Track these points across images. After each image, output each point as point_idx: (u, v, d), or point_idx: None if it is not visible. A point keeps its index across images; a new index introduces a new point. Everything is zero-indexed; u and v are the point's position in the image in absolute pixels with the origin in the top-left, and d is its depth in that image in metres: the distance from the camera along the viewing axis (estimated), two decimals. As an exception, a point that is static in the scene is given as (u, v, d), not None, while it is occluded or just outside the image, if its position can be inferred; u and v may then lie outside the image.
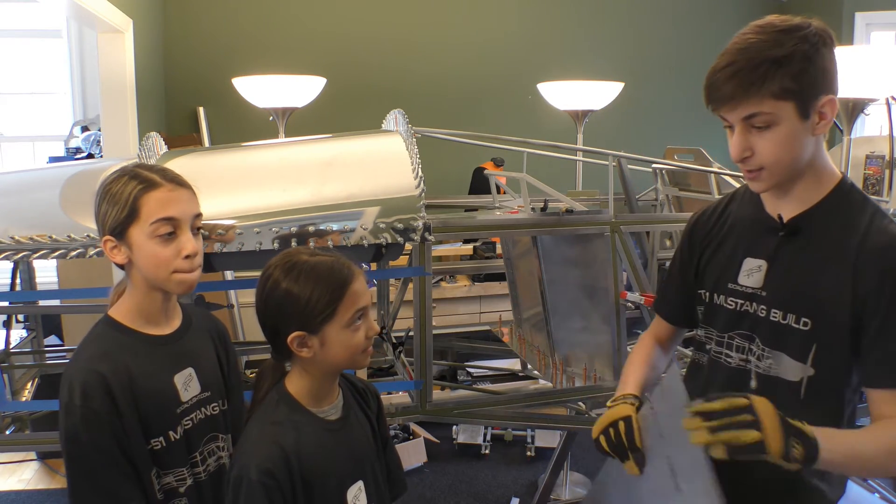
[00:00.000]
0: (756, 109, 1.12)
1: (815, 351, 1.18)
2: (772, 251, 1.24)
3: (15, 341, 2.65)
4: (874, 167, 3.05)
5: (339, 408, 1.30)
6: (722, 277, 1.30)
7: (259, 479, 1.15)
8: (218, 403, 1.38)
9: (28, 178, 2.28)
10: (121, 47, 3.37)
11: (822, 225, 1.20)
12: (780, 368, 1.22)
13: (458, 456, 3.50)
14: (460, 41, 4.76)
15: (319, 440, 1.24)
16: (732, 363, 1.28)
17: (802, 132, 1.14)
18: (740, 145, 1.16)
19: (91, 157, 4.19)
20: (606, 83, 3.31)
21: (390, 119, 2.32)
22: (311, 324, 1.20)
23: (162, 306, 1.31)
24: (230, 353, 1.47)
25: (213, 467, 1.36)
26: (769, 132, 1.14)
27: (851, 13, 4.69)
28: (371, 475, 1.31)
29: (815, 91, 1.12)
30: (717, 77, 1.14)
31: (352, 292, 1.22)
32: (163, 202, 1.23)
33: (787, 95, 1.11)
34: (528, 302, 2.88)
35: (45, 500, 3.09)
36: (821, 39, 1.13)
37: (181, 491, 1.31)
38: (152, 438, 1.26)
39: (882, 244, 1.14)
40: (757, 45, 1.12)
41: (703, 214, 1.40)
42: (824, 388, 1.19)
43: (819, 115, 1.14)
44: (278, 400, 1.25)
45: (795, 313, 1.19)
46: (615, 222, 2.22)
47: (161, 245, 1.23)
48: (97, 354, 1.24)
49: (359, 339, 1.24)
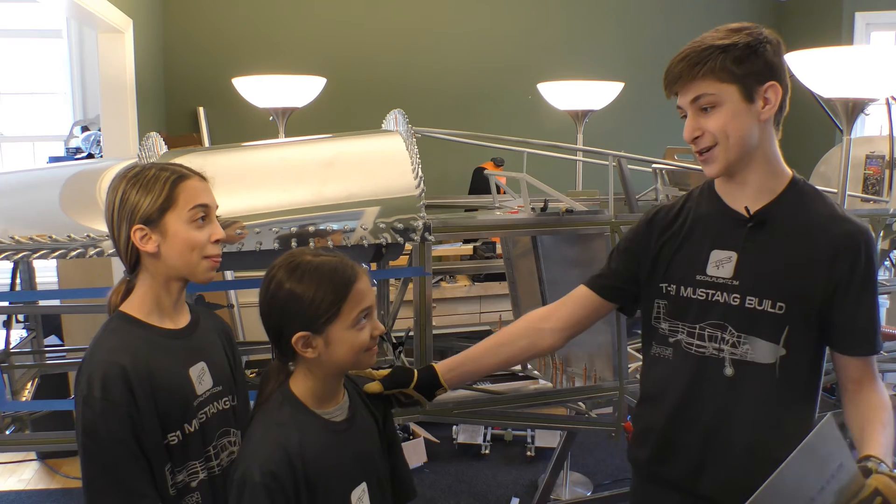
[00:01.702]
0: (701, 91, 1.25)
1: (788, 332, 1.28)
2: (741, 242, 1.32)
3: (15, 341, 2.65)
4: (874, 167, 3.05)
5: (345, 409, 1.30)
6: (689, 271, 1.36)
7: (262, 480, 1.14)
8: (229, 398, 1.39)
9: (28, 178, 2.28)
10: (121, 47, 3.37)
11: (786, 215, 1.30)
12: (755, 353, 1.30)
13: (458, 456, 3.50)
14: (460, 41, 4.76)
15: (324, 442, 1.23)
16: (705, 353, 1.34)
17: (747, 114, 1.25)
18: (691, 126, 1.29)
19: (91, 157, 4.19)
20: (606, 83, 3.31)
21: (390, 119, 2.32)
22: (315, 324, 1.20)
23: (176, 299, 1.33)
24: (236, 352, 1.48)
25: (225, 462, 1.36)
26: (715, 112, 1.26)
27: (851, 13, 4.68)
28: (375, 477, 1.31)
29: (758, 77, 1.24)
30: (670, 66, 1.29)
31: (356, 292, 1.21)
32: (198, 190, 1.30)
33: (729, 78, 1.23)
34: (528, 302, 2.88)
35: (45, 500, 3.09)
36: (767, 40, 1.26)
37: (193, 486, 1.31)
38: (170, 433, 1.26)
39: (850, 231, 1.26)
40: (708, 38, 1.26)
41: (662, 209, 1.47)
42: (795, 366, 1.29)
43: (763, 101, 1.26)
44: (282, 401, 1.25)
45: (771, 298, 1.28)
46: (615, 222, 2.22)
47: (197, 230, 1.28)
48: (118, 347, 1.24)
49: (363, 339, 1.23)
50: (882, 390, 1.30)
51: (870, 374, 1.30)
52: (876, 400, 1.28)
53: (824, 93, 2.03)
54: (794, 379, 1.30)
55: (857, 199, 2.95)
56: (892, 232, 2.51)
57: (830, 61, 1.95)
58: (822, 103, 2.52)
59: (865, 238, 1.27)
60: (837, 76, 1.95)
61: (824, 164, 3.38)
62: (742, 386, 1.31)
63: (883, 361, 2.68)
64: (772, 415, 1.30)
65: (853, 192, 2.96)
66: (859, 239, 1.26)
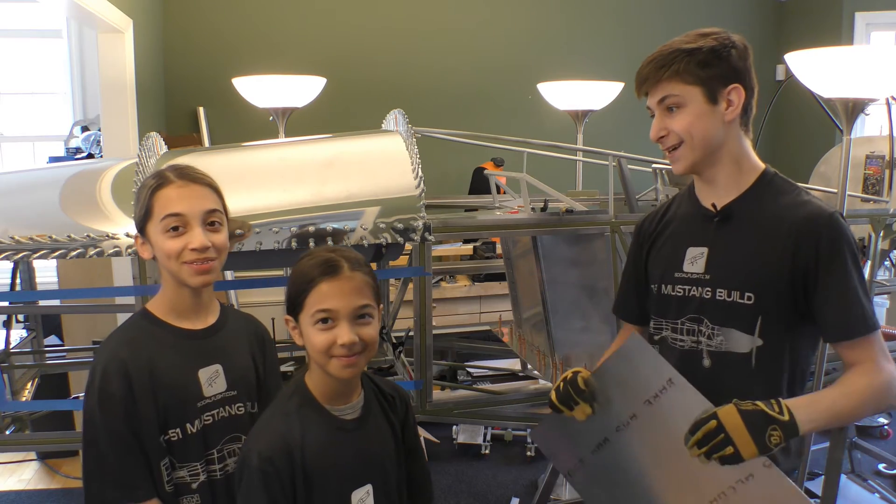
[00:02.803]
0: (667, 92, 1.31)
1: (762, 322, 1.30)
2: (710, 237, 1.37)
3: (15, 341, 2.65)
4: (874, 167, 3.05)
5: (358, 409, 1.29)
6: (668, 269, 1.42)
7: (259, 465, 1.17)
8: (245, 405, 1.38)
9: (28, 178, 2.28)
10: (121, 47, 3.37)
11: (752, 208, 1.34)
12: (730, 343, 1.33)
13: (458, 456, 3.50)
14: (460, 41, 4.76)
15: (326, 436, 1.24)
16: (685, 346, 1.39)
17: (711, 115, 1.30)
18: (657, 126, 1.35)
19: (91, 157, 4.19)
20: (606, 83, 3.31)
21: (390, 119, 2.32)
22: (291, 308, 1.24)
23: (192, 301, 1.34)
24: (268, 358, 1.46)
25: (230, 468, 1.35)
26: (680, 112, 1.31)
27: (851, 13, 4.68)
28: (382, 481, 1.29)
29: (722, 80, 1.29)
30: (640, 66, 1.35)
31: (319, 290, 1.19)
32: (171, 199, 1.27)
33: (693, 80, 1.29)
34: (528, 302, 2.88)
35: (45, 500, 3.09)
36: (733, 45, 1.30)
37: (193, 487, 1.31)
38: (170, 429, 1.28)
39: (809, 215, 1.28)
40: (676, 42, 1.32)
41: (646, 218, 1.54)
42: (773, 356, 1.31)
43: (727, 102, 1.30)
44: (293, 392, 1.27)
45: (739, 289, 1.31)
46: (615, 222, 2.22)
47: (171, 239, 1.27)
48: (122, 341, 1.29)
49: (321, 341, 1.19)
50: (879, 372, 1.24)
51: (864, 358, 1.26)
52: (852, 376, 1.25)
53: (824, 93, 2.03)
54: (772, 368, 1.32)
55: (857, 199, 2.95)
56: (892, 232, 2.51)
57: (830, 61, 1.95)
58: (822, 103, 2.52)
59: (826, 221, 1.26)
60: (837, 76, 1.95)
61: (824, 164, 3.38)
62: (720, 376, 1.34)
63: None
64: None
65: (853, 192, 2.96)
66: (818, 222, 1.26)
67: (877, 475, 3.24)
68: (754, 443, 1.16)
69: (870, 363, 1.26)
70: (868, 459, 3.29)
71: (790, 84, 2.27)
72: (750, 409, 1.17)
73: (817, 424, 1.20)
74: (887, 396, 1.25)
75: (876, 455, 3.16)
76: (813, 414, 1.19)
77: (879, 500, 3.04)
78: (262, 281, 2.14)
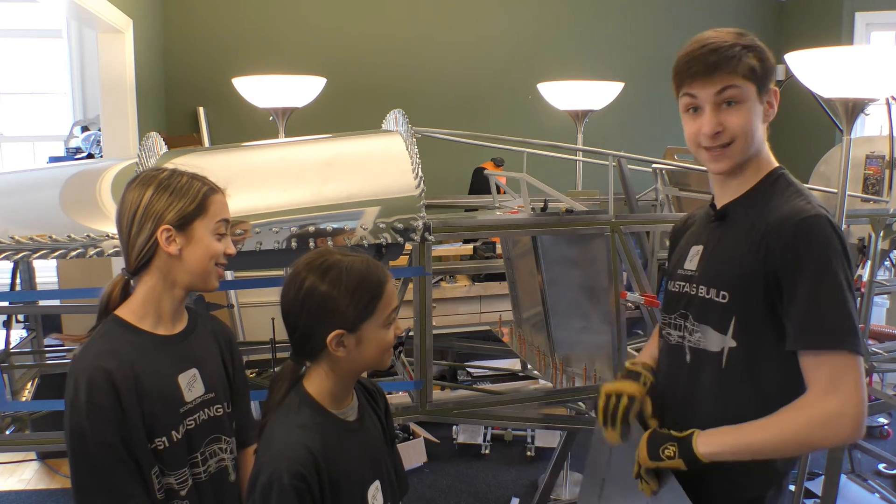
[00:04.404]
0: (731, 82, 1.23)
1: (735, 324, 1.28)
2: (707, 236, 1.38)
3: (15, 341, 2.65)
4: (874, 167, 3.05)
5: (355, 409, 1.32)
6: (675, 266, 1.45)
7: (291, 483, 1.15)
8: (223, 405, 1.39)
9: (28, 178, 2.28)
10: (121, 47, 3.38)
11: (744, 209, 1.32)
12: (705, 341, 1.33)
13: (458, 456, 3.50)
14: (460, 41, 4.76)
15: (342, 442, 1.25)
16: (672, 340, 1.41)
17: (759, 115, 1.28)
18: (713, 120, 1.26)
19: (91, 157, 4.19)
20: (606, 83, 3.31)
21: (390, 119, 2.32)
22: (350, 322, 1.23)
23: (176, 305, 1.35)
24: (236, 357, 1.48)
25: (213, 469, 1.36)
26: (737, 107, 1.25)
27: (851, 13, 4.68)
28: (386, 474, 1.33)
29: (769, 79, 1.27)
30: (694, 56, 1.25)
31: (388, 291, 1.27)
32: (223, 205, 1.38)
33: (752, 76, 1.24)
34: (528, 302, 2.88)
35: (45, 500, 3.09)
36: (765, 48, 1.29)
37: (182, 494, 1.31)
38: (156, 438, 1.27)
39: (782, 217, 1.23)
40: (724, 35, 1.26)
41: (679, 221, 1.57)
42: (746, 361, 1.28)
43: (768, 104, 1.29)
44: (300, 403, 1.26)
45: (716, 287, 1.31)
46: (615, 222, 2.22)
47: (217, 241, 1.35)
48: (104, 351, 1.25)
49: (391, 338, 1.28)
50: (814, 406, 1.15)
51: (812, 382, 1.17)
52: (786, 408, 1.18)
53: (824, 93, 2.03)
54: (744, 372, 1.27)
55: (857, 199, 2.95)
56: (892, 232, 2.51)
57: (830, 61, 1.95)
58: (822, 103, 2.52)
59: (799, 222, 1.19)
60: (837, 76, 1.95)
61: (824, 164, 3.38)
62: (698, 373, 1.35)
63: (883, 361, 2.67)
64: (719, 402, 1.31)
65: (853, 192, 2.96)
66: (788, 224, 1.20)
67: (877, 475, 3.25)
68: (647, 454, 1.27)
69: (813, 391, 1.17)
70: (868, 459, 3.30)
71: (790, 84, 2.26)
72: (660, 433, 1.29)
73: (720, 449, 1.21)
74: (821, 436, 1.16)
75: (876, 455, 3.16)
76: (714, 438, 1.22)
77: (879, 500, 3.04)
78: (262, 281, 2.14)
